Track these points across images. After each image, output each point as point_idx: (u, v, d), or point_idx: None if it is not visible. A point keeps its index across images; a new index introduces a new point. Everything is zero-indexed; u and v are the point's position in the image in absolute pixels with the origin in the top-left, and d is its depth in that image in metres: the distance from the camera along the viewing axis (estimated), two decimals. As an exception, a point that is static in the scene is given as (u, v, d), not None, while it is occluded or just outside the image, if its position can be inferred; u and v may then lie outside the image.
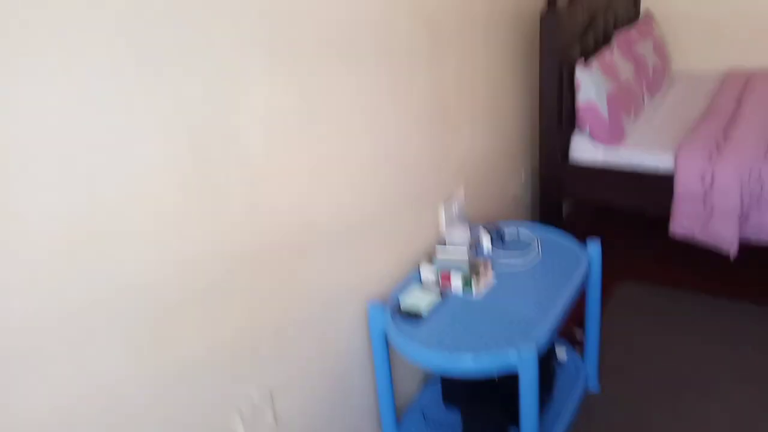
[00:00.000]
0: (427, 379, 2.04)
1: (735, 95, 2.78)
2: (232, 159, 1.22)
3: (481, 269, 1.75)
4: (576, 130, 2.56)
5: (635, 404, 2.01)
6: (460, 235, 1.90)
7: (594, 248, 1.87)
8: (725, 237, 2.26)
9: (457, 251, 1.81)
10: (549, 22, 2.34)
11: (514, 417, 1.68)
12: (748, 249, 2.34)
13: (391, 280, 1.80)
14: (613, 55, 2.59)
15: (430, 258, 1.80)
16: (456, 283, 1.72)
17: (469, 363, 1.47)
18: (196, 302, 1.19)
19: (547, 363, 1.81)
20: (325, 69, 1.42)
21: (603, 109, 2.43)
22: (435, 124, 1.91)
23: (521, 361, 1.45)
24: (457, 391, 1.83)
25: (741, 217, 2.23)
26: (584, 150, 2.54)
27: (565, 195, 2.65)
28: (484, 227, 1.97)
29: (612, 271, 2.57)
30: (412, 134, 1.80)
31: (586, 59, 2.49)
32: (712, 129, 2.47)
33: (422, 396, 1.95)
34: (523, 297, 1.70)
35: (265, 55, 1.26)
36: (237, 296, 1.29)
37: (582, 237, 1.96)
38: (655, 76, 2.90)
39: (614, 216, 3.01)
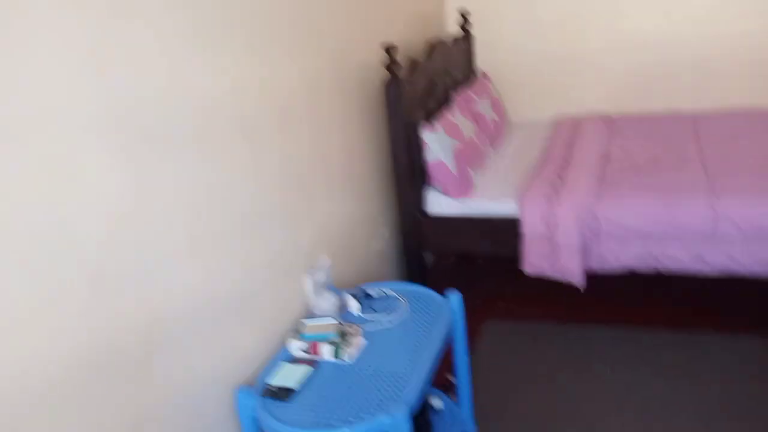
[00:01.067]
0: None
1: (566, 141, 3.07)
2: (70, 253, 1.17)
3: (351, 334, 1.78)
4: (429, 186, 2.71)
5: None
6: (327, 303, 1.93)
7: (455, 298, 1.96)
8: (572, 270, 2.46)
9: (324, 320, 1.83)
10: (392, 89, 2.48)
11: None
12: (595, 278, 2.55)
13: (259, 360, 1.78)
14: (455, 115, 2.79)
15: (298, 331, 1.80)
16: (326, 352, 1.73)
17: (345, 434, 1.47)
18: (34, 415, 1.12)
19: (422, 417, 1.85)
20: (171, 149, 1.42)
21: (450, 166, 2.60)
22: (291, 194, 1.95)
23: (394, 425, 1.47)
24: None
25: (583, 251, 2.44)
26: (438, 204, 2.68)
27: (426, 247, 2.77)
28: (350, 291, 2.01)
29: (478, 313, 2.70)
30: (268, 208, 1.82)
31: (430, 121, 2.66)
32: (548, 174, 2.70)
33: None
34: (394, 355, 1.74)
35: (107, 143, 1.24)
36: (82, 402, 1.21)
37: (447, 285, 2.06)
38: (494, 130, 3.15)
39: (477, 260, 3.18)
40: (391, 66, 2.45)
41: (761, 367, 2.27)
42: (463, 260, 3.23)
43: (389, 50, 2.43)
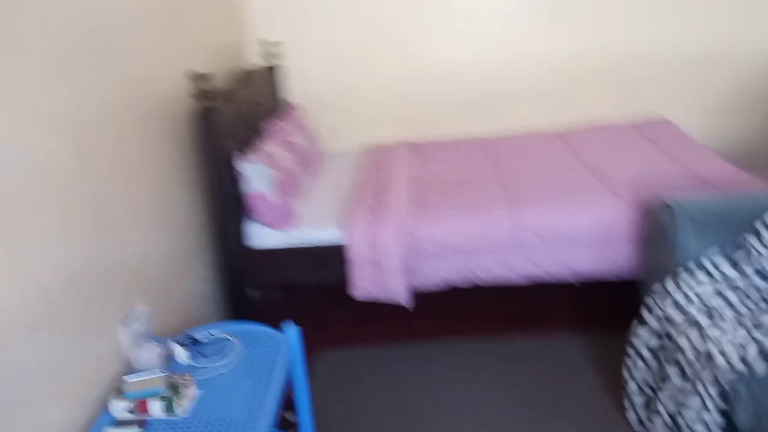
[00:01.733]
0: None
1: (378, 167, 3.16)
2: None
3: (182, 385, 1.61)
4: (249, 219, 2.60)
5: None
6: (150, 355, 1.74)
7: (291, 331, 1.88)
8: (398, 291, 2.51)
9: (149, 373, 1.64)
10: (203, 120, 2.36)
11: None
12: (419, 295, 2.63)
13: (78, 430, 1.53)
14: (269, 145, 2.73)
15: (120, 390, 1.59)
16: (156, 408, 1.55)
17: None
18: None
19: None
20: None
21: (271, 196, 2.53)
22: (94, 239, 1.73)
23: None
24: None
25: (407, 271, 2.51)
26: (260, 236, 2.59)
27: (252, 283, 2.65)
28: (175, 339, 1.84)
29: (310, 345, 2.62)
30: (65, 258, 1.59)
31: (245, 152, 2.57)
32: (367, 199, 2.75)
33: None
34: (233, 402, 1.62)
35: None
36: None
37: (275, 320, 1.97)
38: (309, 159, 3.14)
39: (302, 292, 3.12)
40: (201, 95, 2.33)
41: (570, 362, 2.50)
42: (287, 294, 3.15)
43: (198, 79, 2.31)
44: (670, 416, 1.95)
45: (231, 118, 2.64)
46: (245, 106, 2.87)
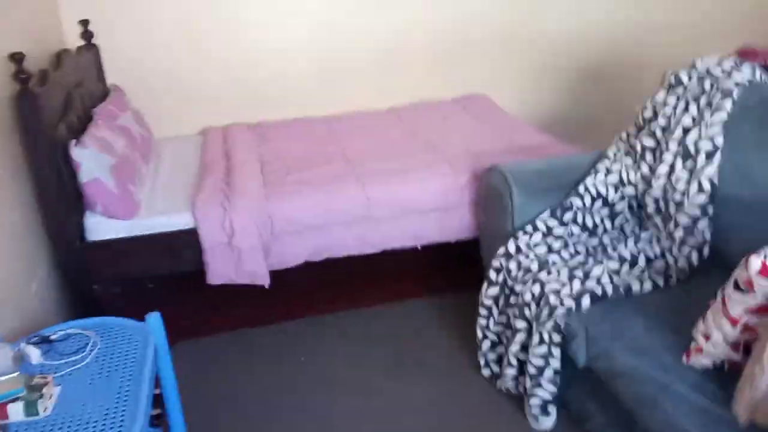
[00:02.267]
0: None
1: (220, 150, 3.09)
2: None
3: (41, 384, 1.50)
4: (87, 211, 2.43)
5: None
6: (0, 359, 1.59)
7: (153, 320, 1.82)
8: (257, 272, 2.51)
9: (2, 376, 1.51)
10: (25, 104, 2.15)
11: None
12: (278, 276, 2.64)
13: None
14: (101, 130, 2.56)
15: (-30, 398, 1.44)
16: (16, 411, 1.43)
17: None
18: None
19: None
20: None
21: (110, 185, 2.38)
22: None
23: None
24: None
25: (264, 252, 2.51)
26: (102, 229, 2.43)
27: (96, 279, 2.48)
28: (26, 341, 1.69)
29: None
30: None
31: (75, 138, 2.39)
32: (215, 183, 2.68)
33: None
34: (100, 397, 1.54)
35: None
36: None
37: (126, 315, 1.88)
38: (143, 144, 2.98)
39: (154, 281, 2.97)
40: (16, 78, 2.13)
41: (427, 325, 2.69)
42: (136, 286, 2.98)
43: (13, 60, 2.11)
44: (518, 366, 2.19)
45: (58, 102, 2.45)
46: (71, 89, 2.66)
